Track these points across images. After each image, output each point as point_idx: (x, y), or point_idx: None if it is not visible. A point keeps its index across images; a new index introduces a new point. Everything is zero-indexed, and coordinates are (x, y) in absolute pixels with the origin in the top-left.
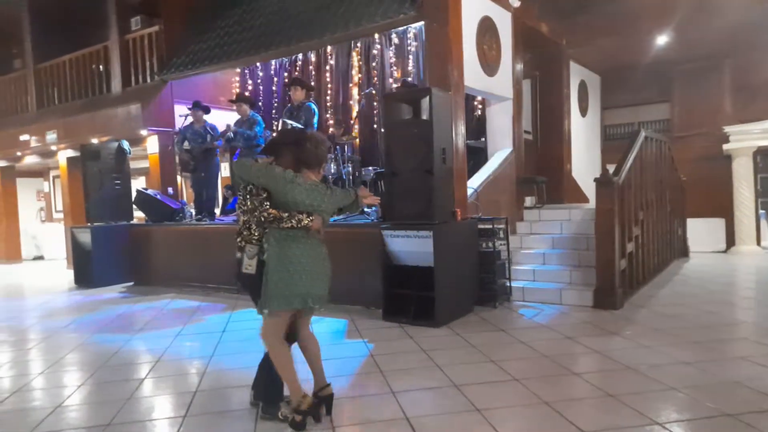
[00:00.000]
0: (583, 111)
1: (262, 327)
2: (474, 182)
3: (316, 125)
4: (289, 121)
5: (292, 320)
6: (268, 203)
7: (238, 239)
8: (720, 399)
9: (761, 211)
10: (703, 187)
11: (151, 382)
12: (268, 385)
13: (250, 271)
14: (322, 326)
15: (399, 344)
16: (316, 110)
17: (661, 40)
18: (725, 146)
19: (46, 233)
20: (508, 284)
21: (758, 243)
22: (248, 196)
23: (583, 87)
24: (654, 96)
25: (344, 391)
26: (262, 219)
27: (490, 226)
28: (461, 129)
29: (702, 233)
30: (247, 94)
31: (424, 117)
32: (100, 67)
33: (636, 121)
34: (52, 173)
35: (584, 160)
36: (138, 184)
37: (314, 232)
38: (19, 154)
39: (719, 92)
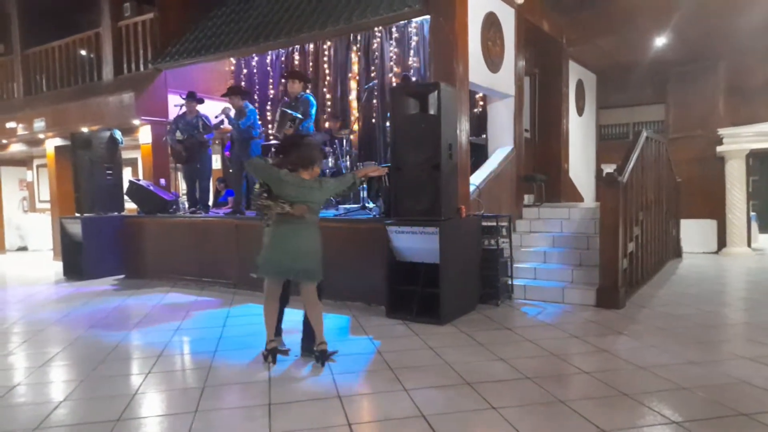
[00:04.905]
0: (580, 110)
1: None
2: (476, 179)
3: (313, 116)
4: (288, 111)
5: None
6: (265, 195)
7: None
8: (732, 398)
9: (752, 213)
10: (696, 188)
11: (156, 377)
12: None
13: None
14: (325, 322)
15: (406, 342)
16: (314, 102)
17: (659, 41)
18: (719, 148)
19: (30, 223)
20: (510, 282)
21: (749, 245)
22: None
23: (580, 86)
24: (649, 97)
25: (357, 388)
26: (257, 207)
27: (493, 224)
28: (465, 125)
29: (694, 234)
30: (235, 84)
31: (432, 112)
32: (91, 54)
33: (631, 121)
34: (36, 162)
35: (580, 160)
36: (126, 175)
37: (300, 216)
38: (4, 141)
39: (714, 94)
